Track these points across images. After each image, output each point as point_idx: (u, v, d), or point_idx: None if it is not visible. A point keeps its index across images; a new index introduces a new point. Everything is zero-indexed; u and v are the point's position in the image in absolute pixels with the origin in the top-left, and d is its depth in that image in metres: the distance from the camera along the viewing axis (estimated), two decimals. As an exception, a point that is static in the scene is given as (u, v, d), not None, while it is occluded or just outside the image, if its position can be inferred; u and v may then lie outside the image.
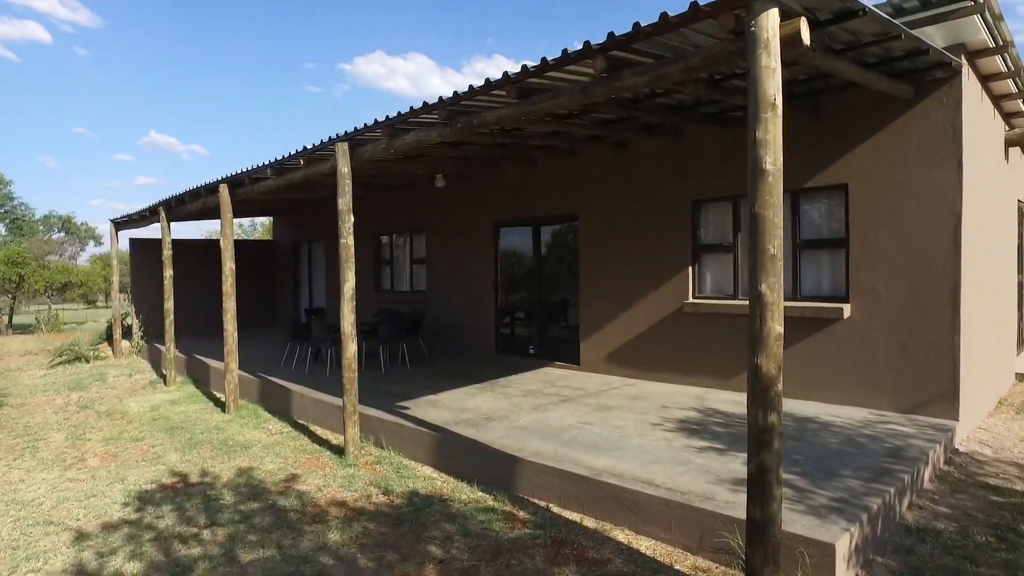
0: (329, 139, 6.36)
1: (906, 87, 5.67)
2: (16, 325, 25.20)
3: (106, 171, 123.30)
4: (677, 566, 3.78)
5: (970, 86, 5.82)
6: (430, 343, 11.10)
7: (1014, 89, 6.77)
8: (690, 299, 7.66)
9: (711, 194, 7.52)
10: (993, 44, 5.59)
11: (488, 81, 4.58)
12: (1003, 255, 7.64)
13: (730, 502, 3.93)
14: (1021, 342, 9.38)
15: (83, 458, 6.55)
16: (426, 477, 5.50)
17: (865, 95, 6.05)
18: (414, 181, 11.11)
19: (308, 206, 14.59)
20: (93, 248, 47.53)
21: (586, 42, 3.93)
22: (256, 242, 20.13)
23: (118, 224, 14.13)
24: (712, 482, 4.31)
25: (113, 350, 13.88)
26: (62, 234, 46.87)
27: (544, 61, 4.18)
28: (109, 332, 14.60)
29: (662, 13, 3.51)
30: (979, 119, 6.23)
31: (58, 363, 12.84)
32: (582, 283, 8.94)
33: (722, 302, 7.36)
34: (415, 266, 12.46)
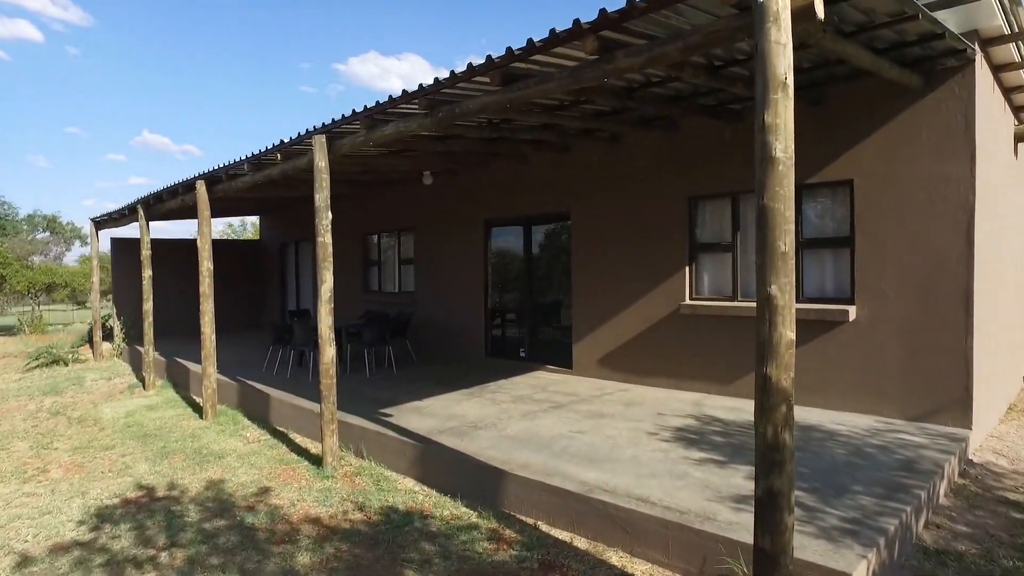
0: (306, 131, 6.01)
1: (916, 77, 5.35)
2: (-1, 327, 24.71)
3: (98, 171, 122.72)
4: (676, 594, 3.45)
5: (983, 76, 5.51)
6: (418, 345, 10.74)
7: (1027, 80, 6.47)
8: (687, 300, 7.34)
9: (709, 190, 7.19)
10: (1008, 31, 5.27)
11: (471, 66, 4.24)
12: (1013, 254, 7.33)
13: (733, 523, 3.60)
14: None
15: (46, 469, 6.17)
16: (407, 490, 5.16)
17: (871, 86, 5.74)
18: (402, 178, 10.75)
19: (295, 204, 14.20)
20: (80, 248, 46.90)
21: (576, 20, 3.60)
22: (244, 242, 19.72)
23: (98, 223, 13.70)
24: (713, 499, 3.97)
25: (93, 353, 13.47)
26: (47, 234, 46.21)
27: (531, 42, 3.84)
28: (91, 334, 14.19)
29: (659, -14, 3.19)
30: (991, 111, 5.92)
31: (35, 366, 12.41)
32: (575, 284, 8.61)
33: (720, 304, 7.04)
34: (404, 266, 12.08)
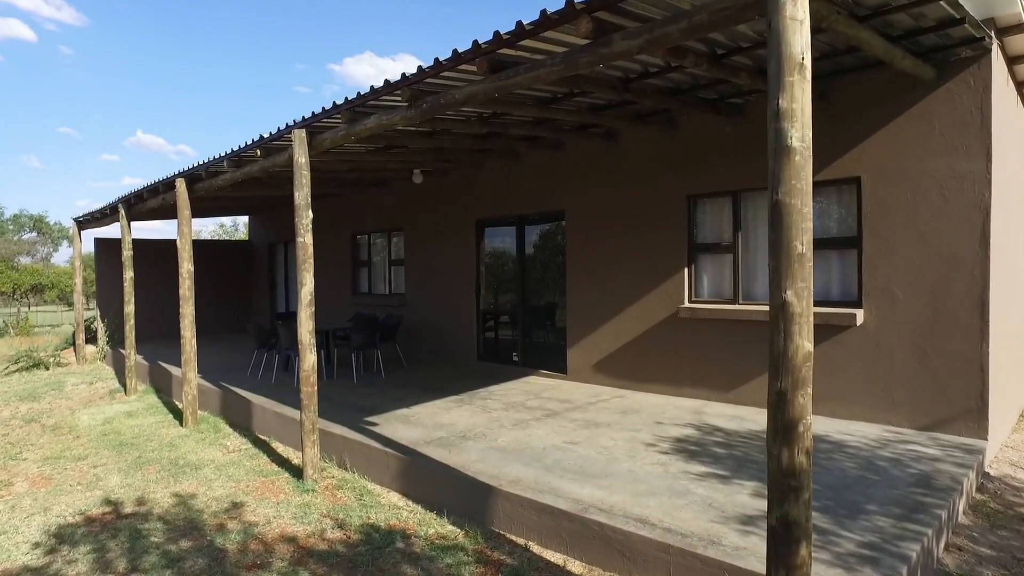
0: (286, 126, 5.71)
1: (929, 68, 5.07)
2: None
3: (92, 171, 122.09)
4: (678, 627, 3.15)
5: (998, 68, 5.23)
6: (408, 349, 10.43)
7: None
8: (686, 303, 7.04)
9: (709, 189, 6.89)
10: (1026, 19, 4.99)
11: (456, 52, 3.94)
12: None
13: (740, 548, 3.30)
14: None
15: (10, 483, 5.84)
16: (391, 506, 4.85)
17: (880, 79, 5.46)
18: (393, 177, 10.43)
19: (283, 204, 13.85)
20: (68, 249, 46.34)
21: (568, 0, 3.30)
22: (232, 242, 19.34)
23: (81, 223, 13.34)
24: (717, 520, 3.68)
25: (76, 356, 13.11)
26: (34, 234, 45.67)
27: (520, 25, 3.54)
28: (75, 337, 13.83)
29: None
30: (1006, 105, 5.64)
31: (14, 371, 12.05)
32: (569, 286, 8.31)
33: (721, 306, 6.74)
34: (394, 268, 11.76)
